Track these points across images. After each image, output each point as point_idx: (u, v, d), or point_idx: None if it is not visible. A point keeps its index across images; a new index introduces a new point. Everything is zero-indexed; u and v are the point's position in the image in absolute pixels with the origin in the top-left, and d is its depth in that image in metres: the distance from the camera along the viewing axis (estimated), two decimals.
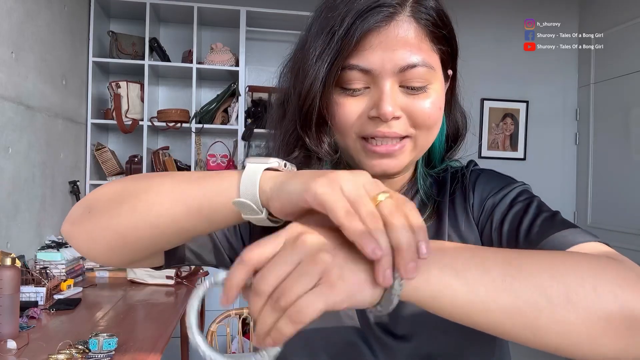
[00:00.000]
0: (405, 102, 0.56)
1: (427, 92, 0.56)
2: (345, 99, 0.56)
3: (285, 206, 0.43)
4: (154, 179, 0.52)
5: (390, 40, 0.54)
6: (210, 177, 0.49)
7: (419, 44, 0.55)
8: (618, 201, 3.40)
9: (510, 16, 3.63)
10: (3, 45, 1.93)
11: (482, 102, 3.64)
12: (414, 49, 0.55)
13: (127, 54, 3.00)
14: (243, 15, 3.06)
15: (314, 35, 0.57)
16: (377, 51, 0.54)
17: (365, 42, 0.54)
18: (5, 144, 1.95)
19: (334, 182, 0.39)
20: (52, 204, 2.42)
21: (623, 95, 3.37)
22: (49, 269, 1.98)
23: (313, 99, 0.56)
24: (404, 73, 0.54)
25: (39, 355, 1.28)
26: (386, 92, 0.54)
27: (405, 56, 0.54)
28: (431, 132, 0.58)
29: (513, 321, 0.39)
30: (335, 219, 0.37)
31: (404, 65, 0.54)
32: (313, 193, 0.39)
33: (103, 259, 0.55)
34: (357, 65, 0.54)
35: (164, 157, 3.05)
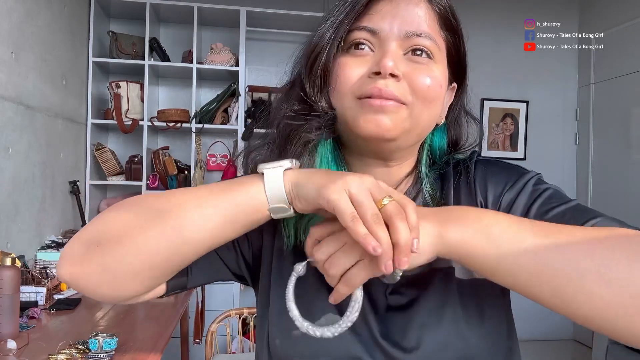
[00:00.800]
0: (407, 69, 0.56)
1: (429, 65, 0.57)
2: (350, 59, 0.57)
3: (306, 206, 0.51)
4: (170, 199, 0.54)
5: (400, 9, 0.56)
6: (234, 187, 0.54)
7: (427, 20, 0.57)
8: (618, 201, 3.40)
9: (510, 16, 3.63)
10: (3, 45, 1.93)
11: (482, 102, 3.64)
12: (422, 22, 0.57)
13: (127, 54, 3.00)
14: (243, 15, 3.06)
15: (331, 8, 0.60)
16: (386, 17, 0.56)
17: (377, 7, 0.57)
18: (5, 144, 1.95)
19: (343, 188, 0.47)
20: (52, 204, 2.42)
21: (623, 95, 3.37)
22: (49, 268, 1.98)
23: (320, 52, 0.58)
24: (410, 39, 0.56)
25: (39, 355, 1.28)
26: (390, 50, 0.56)
27: (413, 24, 0.56)
28: (428, 107, 0.57)
29: (541, 287, 0.45)
30: (343, 223, 0.46)
31: (411, 31, 0.56)
32: (326, 200, 0.47)
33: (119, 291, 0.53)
34: (366, 26, 0.56)
35: (164, 157, 3.05)
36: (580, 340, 3.68)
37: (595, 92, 3.65)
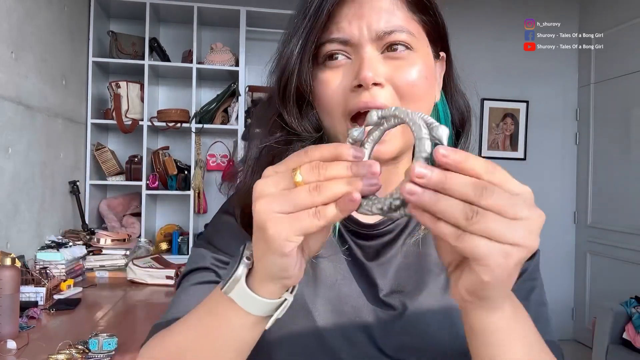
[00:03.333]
0: (387, 71, 0.53)
1: (410, 59, 0.54)
2: (328, 74, 0.55)
3: (276, 275, 0.42)
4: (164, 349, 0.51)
5: (364, 9, 0.53)
6: (215, 322, 0.47)
7: (394, 10, 0.54)
8: (618, 201, 3.40)
9: (510, 16, 3.63)
10: (3, 45, 1.93)
11: (482, 102, 3.64)
12: (390, 15, 0.53)
13: (127, 54, 3.00)
14: (243, 15, 3.06)
15: (292, 20, 0.58)
16: (352, 21, 0.53)
17: (340, 14, 0.53)
18: (5, 144, 1.95)
19: (261, 222, 0.39)
20: (52, 204, 2.42)
21: (623, 95, 3.37)
22: (49, 269, 1.98)
23: (290, 75, 0.55)
24: (383, 39, 0.53)
25: (38, 356, 1.28)
26: (366, 59, 0.52)
27: (382, 21, 0.53)
28: (418, 103, 0.55)
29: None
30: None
31: (381, 31, 0.53)
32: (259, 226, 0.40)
33: None
34: (336, 37, 0.54)
35: (163, 157, 3.05)
36: (581, 340, 3.68)
37: (596, 92, 3.65)
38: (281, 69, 0.57)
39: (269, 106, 0.60)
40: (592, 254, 3.65)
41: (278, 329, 0.56)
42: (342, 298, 0.59)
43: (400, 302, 0.59)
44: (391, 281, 0.60)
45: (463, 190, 0.34)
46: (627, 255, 3.29)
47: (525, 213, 0.35)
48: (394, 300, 0.59)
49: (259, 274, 0.43)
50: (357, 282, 0.60)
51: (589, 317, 3.58)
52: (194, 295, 0.57)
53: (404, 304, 0.59)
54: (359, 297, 0.59)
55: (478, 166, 0.35)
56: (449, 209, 0.34)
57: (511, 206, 0.35)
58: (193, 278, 0.60)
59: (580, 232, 3.79)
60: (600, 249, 3.55)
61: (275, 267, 0.41)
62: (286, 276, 0.42)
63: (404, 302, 0.59)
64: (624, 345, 2.69)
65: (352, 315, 0.58)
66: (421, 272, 0.61)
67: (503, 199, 0.35)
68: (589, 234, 3.68)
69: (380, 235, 0.61)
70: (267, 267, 0.42)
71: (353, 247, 0.61)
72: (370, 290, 0.60)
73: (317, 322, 0.57)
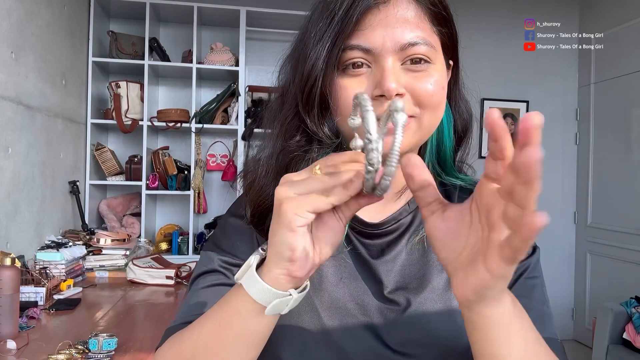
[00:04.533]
0: (408, 80, 0.55)
1: (429, 70, 0.55)
2: (348, 81, 0.55)
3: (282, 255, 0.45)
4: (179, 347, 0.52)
5: (390, 19, 0.54)
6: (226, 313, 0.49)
7: (418, 23, 0.55)
8: (618, 201, 3.40)
9: (510, 16, 3.63)
10: (3, 45, 1.93)
11: (482, 102, 3.64)
12: (414, 27, 0.54)
13: (126, 54, 3.00)
14: (243, 15, 3.06)
15: (314, 22, 0.57)
16: (377, 30, 0.54)
17: (365, 22, 0.54)
18: (5, 144, 1.95)
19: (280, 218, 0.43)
20: (52, 204, 2.42)
21: (623, 95, 3.37)
22: (49, 269, 1.98)
23: (315, 80, 0.56)
24: (405, 51, 0.54)
25: (38, 356, 1.28)
26: (388, 69, 0.53)
27: (406, 34, 0.54)
28: (435, 112, 0.57)
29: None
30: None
31: (405, 43, 0.54)
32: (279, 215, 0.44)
33: None
34: (358, 45, 0.54)
35: (163, 157, 3.05)
36: (581, 340, 3.68)
37: (596, 92, 3.65)
38: (306, 73, 0.56)
39: (281, 106, 0.61)
40: (592, 254, 3.65)
41: (284, 325, 0.57)
42: (347, 295, 0.60)
43: (404, 299, 0.60)
44: (396, 278, 0.61)
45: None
46: (627, 255, 3.29)
47: None
48: (399, 297, 0.60)
49: (268, 259, 0.46)
50: (362, 280, 0.61)
51: (589, 317, 3.58)
52: (204, 297, 0.59)
53: (408, 300, 0.60)
54: (364, 294, 0.60)
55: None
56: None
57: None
58: (202, 281, 0.62)
59: (580, 232, 3.79)
60: (601, 249, 3.55)
61: (283, 245, 0.43)
62: (292, 258, 0.44)
63: (408, 299, 0.60)
64: (624, 346, 2.69)
65: (358, 311, 0.59)
66: (425, 269, 0.62)
67: None
68: (589, 234, 3.68)
69: (385, 234, 0.63)
70: (275, 245, 0.44)
71: (358, 246, 0.62)
72: (375, 287, 0.61)
73: (323, 318, 0.58)
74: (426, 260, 0.62)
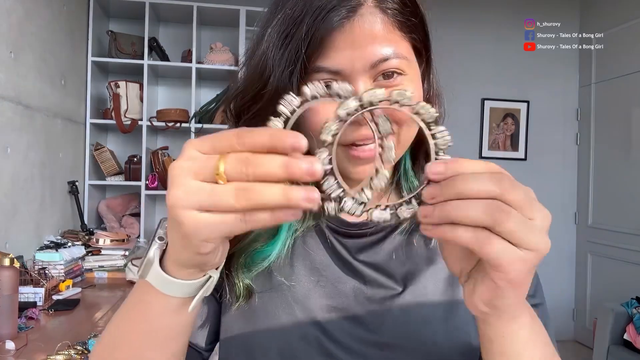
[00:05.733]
0: None
1: (403, 84, 0.52)
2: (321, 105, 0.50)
3: (192, 267, 0.40)
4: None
5: (356, 37, 0.49)
6: (138, 309, 0.45)
7: (387, 35, 0.51)
8: (619, 201, 3.40)
9: (510, 16, 3.62)
10: (2, 45, 1.92)
11: (483, 102, 3.63)
12: (383, 41, 0.50)
13: (126, 54, 3.00)
14: (243, 15, 3.06)
15: (271, 37, 0.52)
16: (344, 50, 0.49)
17: (330, 42, 0.49)
18: (4, 144, 1.94)
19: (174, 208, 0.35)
20: (51, 204, 2.42)
21: (624, 95, 3.37)
22: (48, 269, 1.98)
23: (273, 94, 0.51)
24: (376, 68, 0.50)
25: (37, 356, 1.27)
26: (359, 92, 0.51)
27: (375, 51, 0.50)
28: (411, 128, 0.54)
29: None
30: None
31: (375, 61, 0.50)
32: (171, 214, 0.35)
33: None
34: (325, 67, 0.50)
35: (163, 157, 3.05)
36: (581, 341, 3.68)
37: (596, 92, 3.65)
38: (264, 83, 0.52)
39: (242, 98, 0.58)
40: (593, 255, 3.64)
41: (263, 326, 0.57)
42: (325, 294, 0.59)
43: (389, 297, 0.59)
44: (379, 277, 0.60)
45: (484, 185, 0.33)
46: (628, 256, 3.28)
47: (539, 211, 0.34)
48: (382, 295, 0.59)
49: (173, 260, 0.40)
50: (342, 279, 0.60)
51: (589, 317, 3.57)
52: None
53: (393, 299, 0.59)
54: (342, 292, 0.59)
55: (479, 168, 0.35)
56: (474, 209, 0.33)
57: (529, 202, 0.34)
58: None
59: (581, 232, 3.78)
60: (601, 250, 3.55)
61: (190, 262, 0.38)
62: (204, 268, 0.40)
63: (392, 297, 0.59)
64: (624, 346, 2.68)
65: (339, 311, 0.58)
66: (409, 267, 0.61)
67: (522, 194, 0.34)
68: (589, 234, 3.67)
69: (367, 235, 0.61)
70: (181, 260, 0.39)
71: (336, 244, 0.61)
72: (356, 286, 0.60)
73: (300, 318, 0.57)
74: (411, 259, 0.61)
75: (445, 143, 0.37)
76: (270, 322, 0.57)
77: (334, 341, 0.57)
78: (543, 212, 0.35)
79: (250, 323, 0.58)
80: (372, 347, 0.57)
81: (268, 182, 0.32)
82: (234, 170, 0.32)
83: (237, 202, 0.32)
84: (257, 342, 0.57)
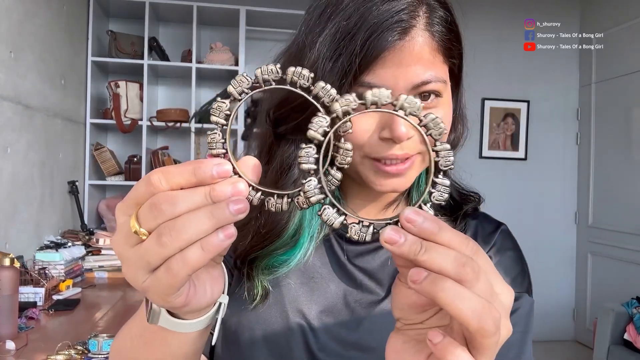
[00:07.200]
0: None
1: (438, 106, 0.54)
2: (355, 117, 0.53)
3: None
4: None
5: (404, 57, 0.50)
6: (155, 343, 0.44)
7: (431, 59, 0.52)
8: (619, 201, 3.40)
9: (511, 16, 3.62)
10: (2, 44, 1.92)
11: (483, 101, 3.63)
12: (428, 65, 0.52)
13: (126, 54, 3.00)
14: (243, 15, 3.06)
15: (323, 48, 0.52)
16: (391, 68, 0.50)
17: (380, 59, 0.50)
18: (4, 144, 1.94)
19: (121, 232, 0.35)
20: (51, 204, 2.41)
21: (624, 95, 3.37)
22: (48, 269, 1.98)
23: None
24: (417, 89, 0.52)
25: (37, 356, 1.27)
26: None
27: (420, 72, 0.51)
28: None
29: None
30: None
31: (418, 82, 0.51)
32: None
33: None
34: (369, 82, 0.51)
35: (163, 157, 3.05)
36: (582, 341, 3.67)
37: (597, 92, 3.65)
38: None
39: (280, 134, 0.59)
40: (593, 255, 3.64)
41: (256, 330, 0.58)
42: (317, 294, 0.60)
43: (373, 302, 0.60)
44: (369, 282, 0.61)
45: (447, 264, 0.32)
46: (628, 256, 3.28)
47: (502, 288, 0.34)
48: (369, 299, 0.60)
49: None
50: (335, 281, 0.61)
51: (590, 317, 3.57)
52: None
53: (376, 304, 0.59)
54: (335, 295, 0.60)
55: (455, 241, 0.33)
56: (443, 258, 0.32)
57: (496, 275, 0.34)
58: None
59: (581, 232, 3.78)
60: (602, 250, 3.55)
61: (184, 312, 0.39)
62: (189, 310, 0.38)
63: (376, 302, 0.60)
64: (625, 346, 2.68)
65: (326, 311, 0.59)
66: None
67: (490, 266, 0.34)
68: (590, 234, 3.67)
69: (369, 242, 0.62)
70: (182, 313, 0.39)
71: (335, 246, 0.62)
72: (346, 290, 0.60)
73: (291, 318, 0.58)
74: None
75: (447, 165, 0.36)
76: (259, 315, 0.58)
77: (317, 338, 0.58)
78: (507, 289, 0.35)
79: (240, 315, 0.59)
80: (351, 348, 0.58)
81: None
82: (148, 218, 0.31)
83: (162, 250, 0.31)
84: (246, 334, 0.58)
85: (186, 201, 0.31)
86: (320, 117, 0.36)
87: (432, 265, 0.31)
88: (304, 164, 0.35)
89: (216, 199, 0.31)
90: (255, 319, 0.58)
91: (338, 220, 0.36)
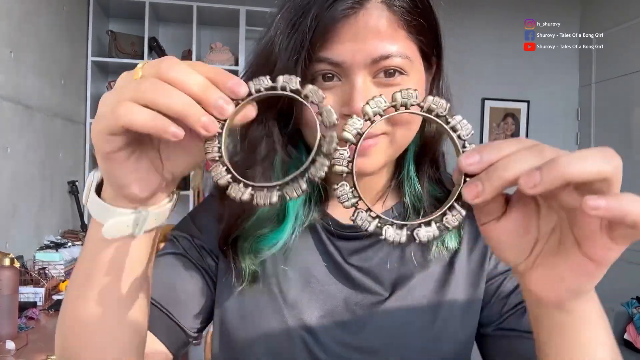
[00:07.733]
0: None
1: (403, 84, 0.50)
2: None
3: (109, 181, 0.40)
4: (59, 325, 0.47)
5: (359, 30, 0.49)
6: (86, 257, 0.44)
7: (391, 33, 0.50)
8: None
9: (511, 16, 3.62)
10: (2, 44, 1.92)
11: (483, 101, 3.63)
12: (388, 39, 0.49)
13: (126, 54, 3.00)
14: (243, 15, 3.06)
15: (278, 29, 0.52)
16: (346, 42, 0.49)
17: (333, 33, 0.49)
18: (4, 144, 1.94)
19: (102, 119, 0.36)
20: (51, 204, 2.41)
21: (624, 95, 3.37)
22: (48, 269, 1.97)
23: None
24: (377, 64, 0.49)
25: (37, 356, 1.27)
26: (357, 88, 0.49)
27: (378, 46, 0.49)
28: (409, 127, 0.53)
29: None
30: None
31: (376, 57, 0.49)
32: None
33: None
34: (326, 57, 0.50)
35: None
36: None
37: (597, 92, 3.65)
38: (270, 69, 0.51)
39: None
40: None
41: (252, 328, 0.57)
42: (316, 296, 0.59)
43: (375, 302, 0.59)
44: (368, 282, 0.60)
45: (531, 158, 0.32)
46: (628, 256, 3.25)
47: None
48: (370, 300, 0.59)
49: (105, 184, 0.40)
50: (332, 282, 0.60)
51: None
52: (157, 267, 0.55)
53: (378, 304, 0.59)
54: (335, 297, 0.59)
55: (515, 146, 0.33)
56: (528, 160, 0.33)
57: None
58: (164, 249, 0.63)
59: None
60: None
61: (105, 172, 0.39)
62: (119, 185, 0.39)
63: (378, 302, 0.59)
64: (625, 346, 2.68)
65: (327, 314, 0.58)
66: (401, 273, 0.60)
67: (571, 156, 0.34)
68: None
69: (362, 237, 0.61)
70: (100, 167, 0.39)
71: (329, 246, 0.61)
72: (346, 291, 0.60)
73: (288, 319, 0.57)
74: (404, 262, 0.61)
75: (468, 132, 0.35)
76: (259, 319, 0.57)
77: (319, 344, 0.57)
78: None
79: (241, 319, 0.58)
80: (355, 351, 0.57)
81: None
82: (149, 71, 0.35)
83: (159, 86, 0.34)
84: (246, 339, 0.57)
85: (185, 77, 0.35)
86: (355, 119, 0.36)
87: (581, 176, 0.30)
88: (338, 165, 0.36)
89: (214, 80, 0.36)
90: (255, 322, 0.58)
91: (373, 224, 0.36)
